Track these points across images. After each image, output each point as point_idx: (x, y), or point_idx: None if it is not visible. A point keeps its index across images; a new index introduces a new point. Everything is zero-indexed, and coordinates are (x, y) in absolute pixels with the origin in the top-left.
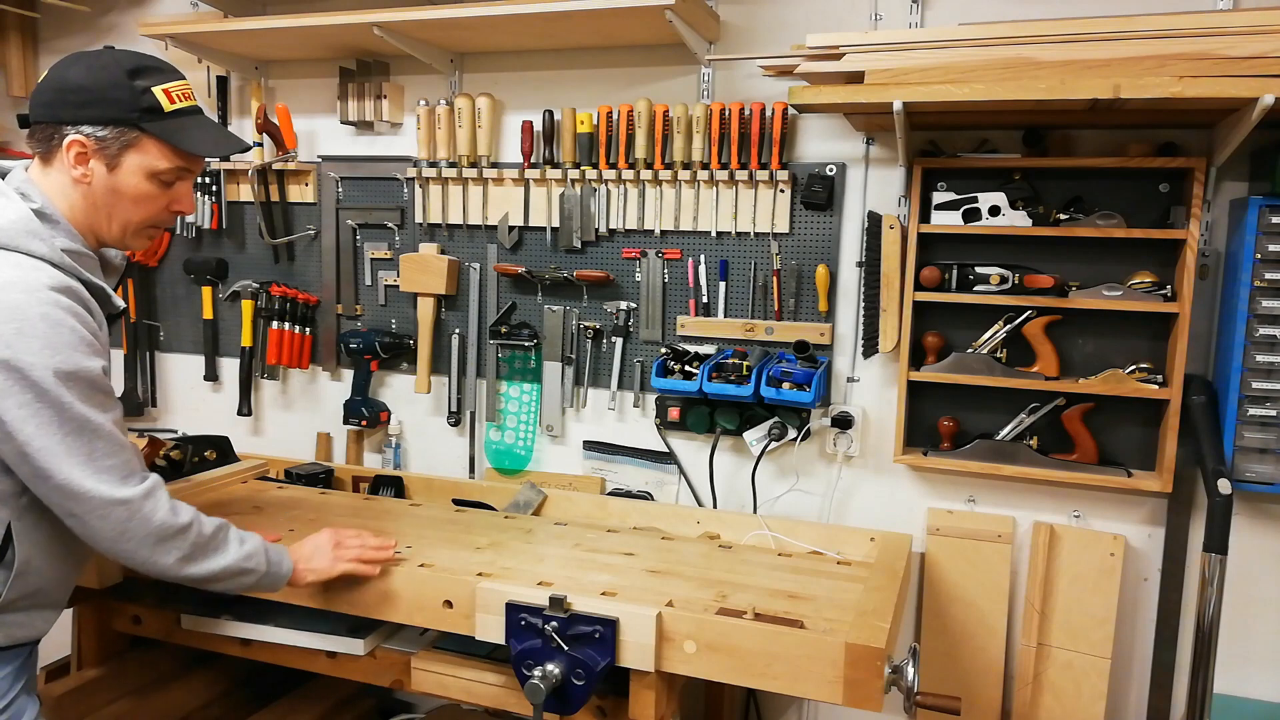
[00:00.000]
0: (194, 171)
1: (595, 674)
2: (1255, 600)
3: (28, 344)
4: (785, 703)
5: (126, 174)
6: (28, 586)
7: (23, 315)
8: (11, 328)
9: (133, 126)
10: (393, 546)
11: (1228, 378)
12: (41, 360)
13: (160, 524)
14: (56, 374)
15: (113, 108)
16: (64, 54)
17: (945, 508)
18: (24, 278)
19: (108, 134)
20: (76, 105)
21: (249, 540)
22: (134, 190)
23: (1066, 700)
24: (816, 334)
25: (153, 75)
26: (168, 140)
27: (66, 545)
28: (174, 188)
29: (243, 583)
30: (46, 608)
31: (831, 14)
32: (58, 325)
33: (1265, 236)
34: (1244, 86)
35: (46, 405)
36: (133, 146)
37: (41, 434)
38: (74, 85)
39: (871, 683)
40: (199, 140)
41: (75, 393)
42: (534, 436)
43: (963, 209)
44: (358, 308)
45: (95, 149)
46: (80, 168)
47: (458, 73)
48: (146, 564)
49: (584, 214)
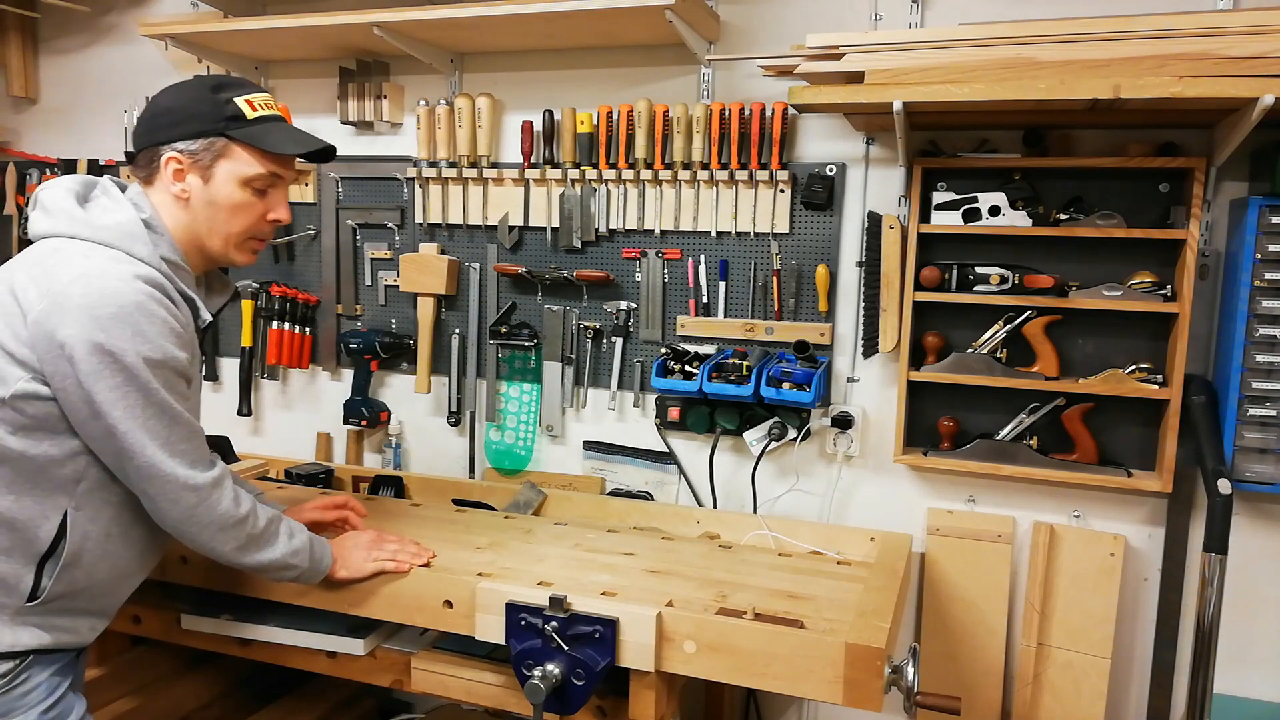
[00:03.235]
0: (284, 178)
1: (595, 674)
2: (1255, 600)
3: (121, 330)
4: (785, 703)
5: (220, 184)
6: (75, 583)
7: (118, 301)
8: (108, 312)
9: (219, 135)
10: (431, 555)
11: (1228, 378)
12: (133, 346)
13: (223, 513)
14: (146, 360)
15: (200, 121)
16: (64, 54)
17: (945, 508)
18: (121, 269)
19: (199, 147)
20: (168, 126)
21: (297, 535)
22: (229, 199)
23: (1066, 700)
24: (816, 334)
25: (234, 88)
26: (253, 143)
27: (119, 546)
28: (268, 196)
29: (284, 576)
30: (93, 614)
31: (831, 14)
32: (150, 315)
33: (1265, 236)
34: (1244, 86)
35: (135, 389)
36: (223, 156)
37: (129, 416)
38: (164, 109)
39: (871, 683)
40: (282, 141)
41: (160, 379)
42: (534, 436)
43: (963, 209)
44: (358, 308)
45: (190, 163)
46: (179, 184)
47: (458, 73)
48: (206, 548)
49: (584, 214)
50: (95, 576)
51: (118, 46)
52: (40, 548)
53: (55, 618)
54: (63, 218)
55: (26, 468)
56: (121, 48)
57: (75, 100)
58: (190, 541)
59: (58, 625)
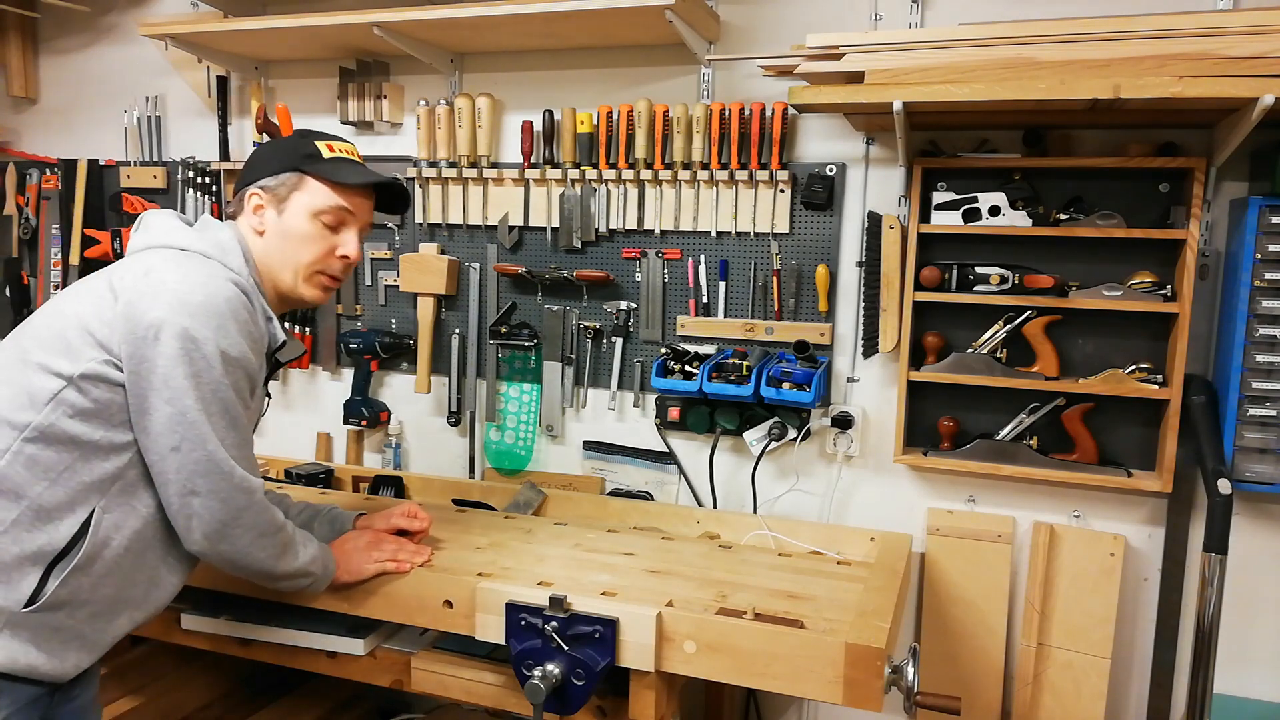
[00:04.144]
0: (355, 216)
1: (595, 674)
2: (1255, 600)
3: (208, 319)
4: (785, 703)
5: (293, 215)
6: (78, 592)
7: (208, 290)
8: (198, 300)
9: (295, 170)
10: (429, 553)
11: (1228, 378)
12: (215, 338)
13: (268, 520)
14: (224, 354)
15: (281, 160)
16: (64, 54)
17: (945, 508)
18: (216, 271)
19: (277, 182)
20: (257, 168)
21: (310, 542)
22: (299, 230)
23: (1066, 700)
24: (816, 334)
25: (317, 135)
26: (324, 176)
27: (131, 563)
28: (339, 233)
29: (301, 584)
30: (82, 641)
31: (831, 14)
32: (235, 313)
33: (1265, 236)
34: (1244, 86)
35: (209, 381)
36: (297, 189)
37: (200, 404)
38: (258, 156)
39: (871, 683)
40: (349, 174)
41: (232, 378)
42: (534, 436)
43: (963, 209)
44: (358, 308)
45: (268, 198)
46: (258, 217)
47: (458, 73)
48: (242, 555)
49: (584, 214)
50: (99, 591)
51: (118, 46)
52: (56, 546)
53: (45, 634)
54: (162, 232)
55: (73, 454)
56: (121, 48)
57: (75, 100)
58: (227, 550)
59: (44, 643)
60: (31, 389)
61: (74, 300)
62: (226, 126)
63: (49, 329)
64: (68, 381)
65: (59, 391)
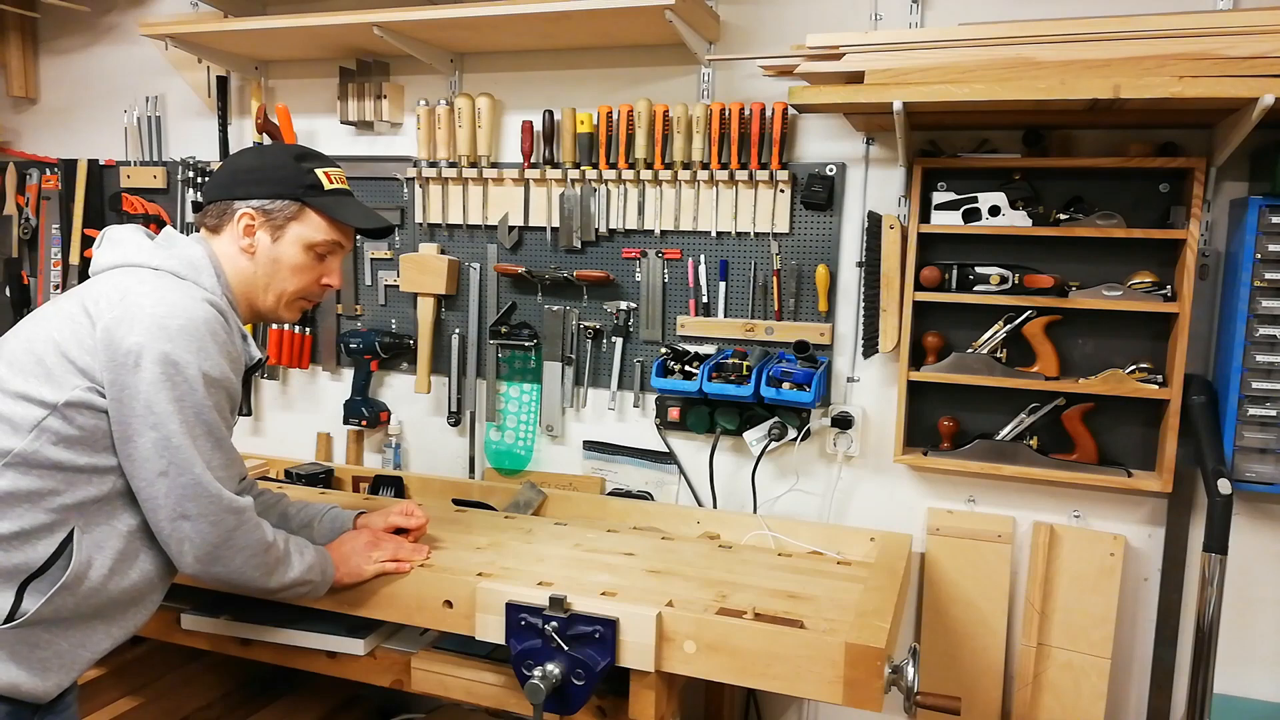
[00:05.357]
0: (344, 247)
1: (595, 674)
2: (1255, 600)
3: (188, 343)
4: (785, 703)
5: (287, 244)
6: (60, 611)
7: (188, 315)
8: (177, 324)
9: (296, 200)
10: (428, 551)
11: (1228, 378)
12: (196, 360)
13: (258, 539)
14: (205, 376)
15: (281, 184)
16: (64, 54)
17: (945, 508)
18: (191, 292)
19: (275, 207)
20: (249, 183)
21: (306, 550)
22: (292, 260)
23: (1066, 700)
24: (816, 334)
25: (314, 160)
26: (327, 213)
27: (116, 584)
28: (325, 262)
29: (299, 592)
30: (63, 659)
31: (831, 14)
32: (214, 334)
33: (1265, 236)
34: (1244, 86)
35: (191, 404)
36: (295, 219)
37: (184, 429)
38: (247, 167)
39: (871, 683)
40: (352, 214)
41: (214, 398)
42: (534, 436)
43: (963, 209)
44: (358, 308)
45: (263, 221)
46: (248, 238)
47: (458, 73)
48: (236, 574)
49: (584, 214)
50: (82, 609)
51: (118, 46)
52: (33, 565)
53: (23, 651)
54: (133, 248)
55: (55, 479)
56: (121, 48)
57: (75, 100)
58: (220, 570)
59: (23, 660)
60: (13, 417)
61: (47, 325)
62: (226, 126)
63: (26, 355)
64: (51, 409)
65: (42, 419)
